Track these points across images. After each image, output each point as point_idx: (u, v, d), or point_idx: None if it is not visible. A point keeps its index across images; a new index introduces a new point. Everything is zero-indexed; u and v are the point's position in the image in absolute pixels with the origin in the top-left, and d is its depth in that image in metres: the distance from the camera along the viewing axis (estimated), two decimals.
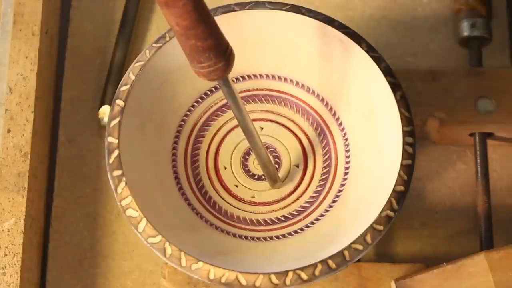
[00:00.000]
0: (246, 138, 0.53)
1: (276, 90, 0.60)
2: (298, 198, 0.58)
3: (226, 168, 0.59)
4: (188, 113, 0.59)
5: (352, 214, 0.55)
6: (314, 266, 0.50)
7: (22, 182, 0.58)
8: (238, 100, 0.49)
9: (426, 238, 0.62)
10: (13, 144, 0.59)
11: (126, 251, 0.62)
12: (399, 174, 0.53)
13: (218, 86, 0.53)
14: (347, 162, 0.58)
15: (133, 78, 0.55)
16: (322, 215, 0.57)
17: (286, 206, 0.58)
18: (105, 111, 0.64)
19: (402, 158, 0.53)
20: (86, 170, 0.64)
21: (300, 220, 0.57)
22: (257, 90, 0.60)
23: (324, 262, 0.50)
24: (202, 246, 0.53)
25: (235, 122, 0.59)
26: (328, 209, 0.57)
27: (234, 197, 0.58)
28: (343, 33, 0.56)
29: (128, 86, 0.55)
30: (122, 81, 0.55)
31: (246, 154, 0.59)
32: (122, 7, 0.68)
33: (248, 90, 0.60)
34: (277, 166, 0.59)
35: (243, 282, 0.50)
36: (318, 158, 0.59)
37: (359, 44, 0.55)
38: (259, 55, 0.59)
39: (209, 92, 0.60)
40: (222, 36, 0.44)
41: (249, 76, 0.60)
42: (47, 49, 0.64)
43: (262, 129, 0.60)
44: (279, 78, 0.60)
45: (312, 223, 0.56)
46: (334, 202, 0.57)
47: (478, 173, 0.60)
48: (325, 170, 0.58)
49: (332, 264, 0.50)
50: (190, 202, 0.57)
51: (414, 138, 0.54)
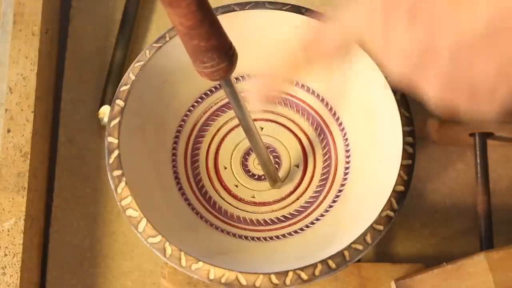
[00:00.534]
0: (247, 138, 0.53)
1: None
2: (298, 198, 0.58)
3: (226, 168, 0.59)
4: (188, 113, 0.59)
5: (352, 214, 0.55)
6: (314, 266, 0.50)
7: (22, 182, 0.58)
8: (240, 99, 0.49)
9: (426, 238, 0.62)
10: (13, 144, 0.59)
11: (126, 251, 0.62)
12: (399, 174, 0.53)
13: (220, 86, 0.53)
14: (347, 162, 0.58)
15: (133, 78, 0.55)
16: (322, 215, 0.57)
17: (286, 206, 0.58)
18: (105, 111, 0.64)
19: (402, 158, 0.53)
20: (86, 170, 0.64)
21: (300, 220, 0.57)
22: None
23: (324, 262, 0.50)
24: (202, 246, 0.53)
25: (235, 122, 0.59)
26: (328, 209, 0.57)
27: (234, 197, 0.58)
28: None
29: (128, 86, 0.55)
30: (122, 81, 0.55)
31: (246, 154, 0.59)
32: (122, 7, 0.68)
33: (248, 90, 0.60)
34: (277, 166, 0.59)
35: (243, 282, 0.50)
36: (318, 158, 0.59)
37: None
38: (259, 55, 0.58)
39: (209, 92, 0.60)
40: (226, 36, 0.44)
41: (249, 75, 0.60)
42: (47, 49, 0.64)
43: (262, 129, 0.60)
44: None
45: (312, 223, 0.56)
46: (334, 202, 0.57)
47: (478, 173, 0.60)
48: (325, 170, 0.58)
49: (332, 264, 0.50)
50: (190, 202, 0.57)
51: (414, 138, 0.54)
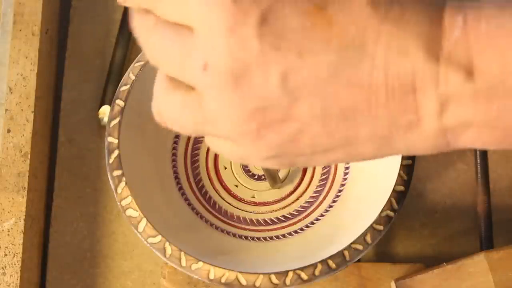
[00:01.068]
0: None
1: None
2: (298, 198, 0.58)
3: (226, 168, 0.59)
4: None
5: (352, 214, 0.55)
6: (314, 266, 0.50)
7: (22, 182, 0.58)
8: None
9: (426, 238, 0.62)
10: (13, 144, 0.59)
11: (126, 251, 0.62)
12: (399, 174, 0.53)
13: None
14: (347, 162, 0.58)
15: (133, 78, 0.55)
16: (322, 215, 0.57)
17: (286, 206, 0.58)
18: (105, 111, 0.64)
19: (402, 158, 0.53)
20: (86, 170, 0.64)
21: (300, 220, 0.57)
22: None
23: (324, 262, 0.50)
24: (202, 246, 0.53)
25: None
26: (328, 209, 0.57)
27: (234, 197, 0.58)
28: None
29: (128, 86, 0.55)
30: (122, 81, 0.55)
31: None
32: (122, 7, 0.67)
33: None
34: None
35: (243, 282, 0.50)
36: None
37: None
38: None
39: None
40: None
41: None
42: (47, 49, 0.64)
43: None
44: None
45: (312, 223, 0.56)
46: (334, 202, 0.57)
47: (478, 173, 0.60)
48: (325, 170, 0.58)
49: (332, 264, 0.50)
50: (190, 202, 0.57)
51: None
